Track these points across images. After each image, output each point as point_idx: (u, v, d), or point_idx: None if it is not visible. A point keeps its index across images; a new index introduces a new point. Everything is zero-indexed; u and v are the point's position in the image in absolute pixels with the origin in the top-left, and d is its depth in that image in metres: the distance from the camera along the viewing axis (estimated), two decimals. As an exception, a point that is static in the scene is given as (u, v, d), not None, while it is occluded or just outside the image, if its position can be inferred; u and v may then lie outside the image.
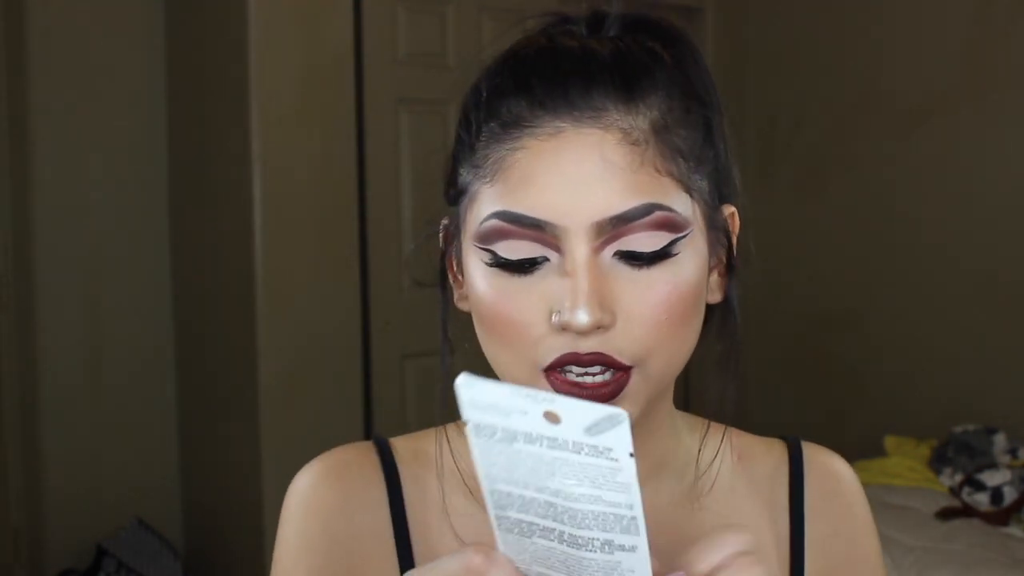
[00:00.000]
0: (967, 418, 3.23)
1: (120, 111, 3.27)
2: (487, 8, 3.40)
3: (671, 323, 0.65)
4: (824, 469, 0.80)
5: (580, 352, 0.63)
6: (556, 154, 0.64)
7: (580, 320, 0.62)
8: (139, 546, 3.15)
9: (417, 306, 3.26)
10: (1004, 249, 3.35)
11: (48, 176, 3.16)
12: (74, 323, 3.22)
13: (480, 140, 0.67)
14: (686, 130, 0.67)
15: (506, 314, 0.65)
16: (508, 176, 0.65)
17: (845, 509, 0.79)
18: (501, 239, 0.65)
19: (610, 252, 0.64)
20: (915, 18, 3.59)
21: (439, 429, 0.78)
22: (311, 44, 3.03)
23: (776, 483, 0.78)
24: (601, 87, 0.64)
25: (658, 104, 0.66)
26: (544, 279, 0.65)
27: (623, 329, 0.64)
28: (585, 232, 0.63)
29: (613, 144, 0.64)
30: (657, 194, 0.64)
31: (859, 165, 3.74)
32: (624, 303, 0.64)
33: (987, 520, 2.69)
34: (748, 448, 0.80)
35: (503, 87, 0.67)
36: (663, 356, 0.65)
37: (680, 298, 0.65)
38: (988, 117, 3.40)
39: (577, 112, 0.64)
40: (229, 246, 3.08)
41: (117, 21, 3.26)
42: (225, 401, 3.17)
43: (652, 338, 0.64)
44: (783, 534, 0.77)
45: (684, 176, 0.66)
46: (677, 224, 0.64)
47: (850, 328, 3.78)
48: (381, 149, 3.21)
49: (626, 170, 0.63)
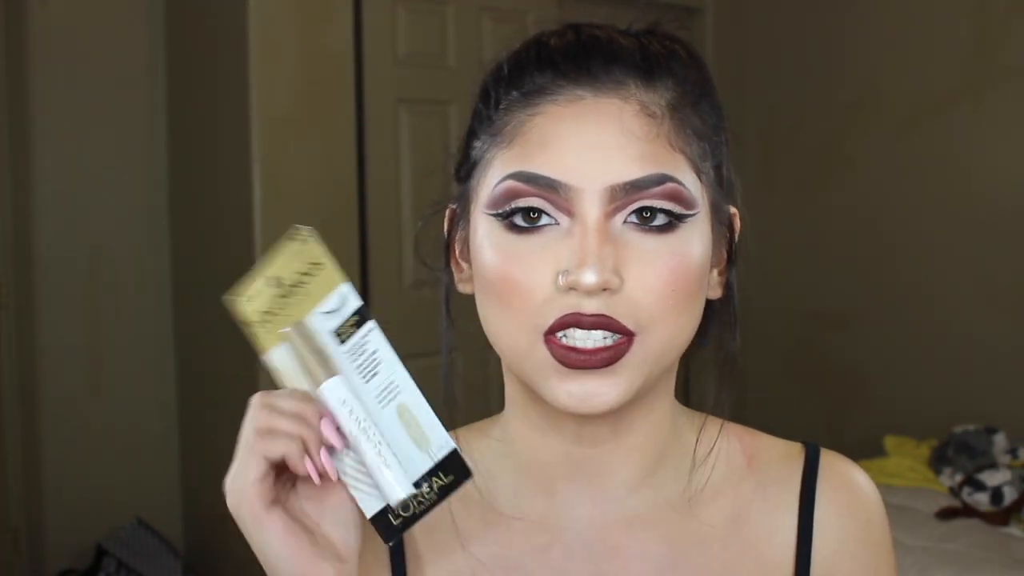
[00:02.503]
0: (967, 418, 3.22)
1: (120, 111, 3.27)
2: (487, 8, 3.40)
3: (676, 295, 0.66)
4: (841, 480, 0.77)
5: (584, 312, 0.64)
6: (576, 119, 0.66)
7: (587, 279, 0.63)
8: (139, 546, 3.15)
9: (417, 306, 3.25)
10: (1004, 249, 3.35)
11: (48, 176, 3.16)
12: (74, 323, 3.22)
13: (499, 109, 0.69)
14: (698, 117, 0.69)
15: (513, 276, 0.66)
16: (526, 140, 0.67)
17: (861, 525, 0.76)
18: (518, 198, 0.66)
19: (621, 218, 0.65)
20: (914, 18, 3.59)
21: (455, 433, 0.78)
22: (311, 44, 3.03)
23: (787, 490, 0.76)
24: (622, 64, 0.67)
25: (674, 87, 0.68)
26: (553, 242, 0.65)
27: (629, 295, 0.64)
28: (599, 195, 0.64)
29: (632, 114, 0.66)
30: (670, 167, 0.66)
31: (859, 165, 3.74)
32: (631, 269, 0.65)
33: (987, 520, 2.69)
34: (763, 451, 0.78)
35: (526, 62, 0.69)
36: (665, 328, 0.66)
37: (686, 273, 0.66)
38: (988, 117, 3.40)
39: (599, 84, 0.66)
40: (229, 246, 3.08)
41: (117, 21, 3.26)
42: (225, 401, 3.17)
43: (657, 307, 0.65)
44: (787, 544, 0.74)
45: (696, 158, 0.68)
46: (687, 200, 0.66)
47: (850, 328, 3.78)
48: (381, 149, 3.21)
49: (642, 140, 0.65)
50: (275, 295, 0.60)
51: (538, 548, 0.73)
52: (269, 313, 0.61)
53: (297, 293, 0.60)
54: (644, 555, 0.72)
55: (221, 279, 3.59)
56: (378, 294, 3.21)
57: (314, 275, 0.59)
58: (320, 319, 0.61)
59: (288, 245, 0.58)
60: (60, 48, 3.15)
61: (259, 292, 0.61)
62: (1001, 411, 3.26)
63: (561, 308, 0.64)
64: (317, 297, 0.61)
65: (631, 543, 0.72)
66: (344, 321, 0.61)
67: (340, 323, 0.61)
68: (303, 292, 0.60)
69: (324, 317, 0.61)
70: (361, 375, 0.62)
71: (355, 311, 0.61)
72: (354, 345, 0.62)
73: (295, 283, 0.59)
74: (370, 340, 0.62)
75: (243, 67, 2.93)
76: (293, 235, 0.58)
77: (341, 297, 0.60)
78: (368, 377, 0.62)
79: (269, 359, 0.63)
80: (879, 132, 3.68)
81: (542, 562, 0.72)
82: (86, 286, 3.24)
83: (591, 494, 0.72)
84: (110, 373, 3.27)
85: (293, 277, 0.59)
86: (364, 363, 0.62)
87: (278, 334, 0.61)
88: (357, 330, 0.61)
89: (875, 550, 0.76)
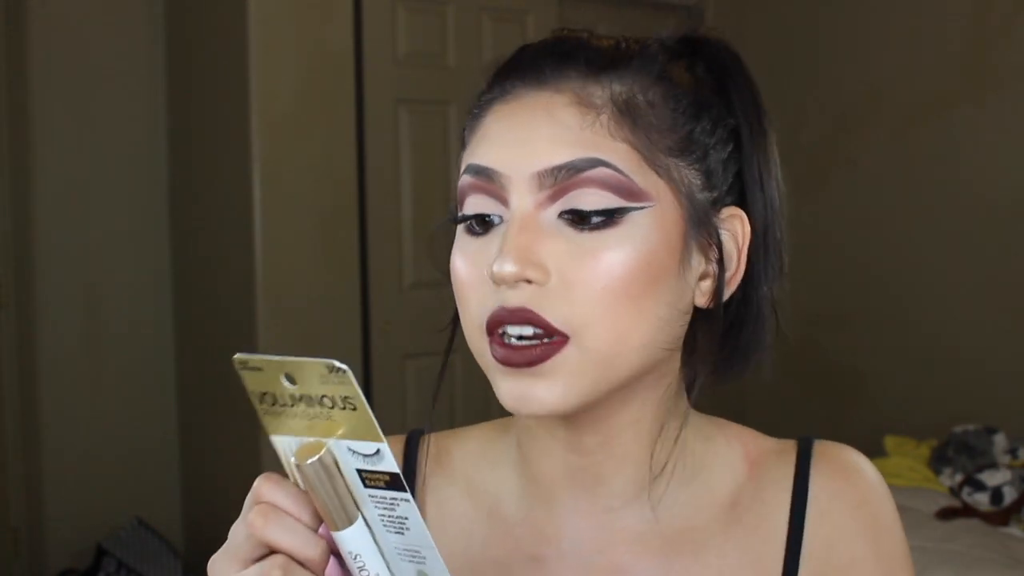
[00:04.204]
0: (967, 418, 3.22)
1: (120, 111, 3.27)
2: (487, 8, 3.40)
3: (613, 294, 0.62)
4: (834, 464, 0.74)
5: (506, 306, 0.62)
6: (510, 113, 0.66)
7: (498, 269, 0.61)
8: (139, 546, 3.15)
9: (417, 306, 3.26)
10: (1004, 249, 3.35)
11: (48, 176, 3.16)
12: (74, 322, 3.22)
13: (472, 115, 0.70)
14: (666, 114, 0.66)
15: (462, 275, 0.66)
16: (473, 137, 0.68)
17: (856, 505, 0.73)
18: (467, 195, 0.66)
19: (555, 212, 0.63)
20: (914, 18, 3.59)
21: (476, 427, 0.78)
22: (311, 44, 3.03)
23: (781, 487, 0.73)
24: (572, 63, 0.66)
25: (634, 84, 0.66)
26: (495, 238, 0.65)
27: (559, 291, 0.62)
28: (527, 183, 0.64)
29: (562, 104, 0.65)
30: (608, 153, 0.63)
31: (859, 165, 3.74)
32: (562, 264, 0.62)
33: (987, 520, 2.69)
34: (762, 454, 0.75)
35: (500, 70, 0.70)
36: (603, 330, 0.62)
37: (626, 270, 0.62)
38: (988, 117, 3.40)
39: (541, 80, 0.66)
40: (229, 246, 3.08)
41: (117, 21, 3.26)
42: (225, 401, 3.17)
43: (589, 306, 0.62)
44: (777, 542, 0.72)
45: (648, 151, 0.64)
46: (628, 189, 0.63)
47: (850, 328, 3.78)
48: (381, 149, 3.21)
49: (574, 128, 0.64)
50: (289, 392, 0.53)
51: (533, 557, 0.72)
52: (279, 404, 0.55)
53: (316, 406, 0.53)
54: (637, 568, 0.71)
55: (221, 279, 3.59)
56: (378, 294, 3.21)
57: (341, 407, 0.52)
58: (345, 449, 0.53)
59: (319, 363, 0.51)
60: (60, 48, 3.15)
61: (272, 374, 0.54)
62: (1001, 411, 3.26)
63: (490, 305, 0.63)
64: (344, 431, 0.53)
65: (627, 556, 0.71)
66: (374, 471, 0.53)
67: (369, 469, 0.53)
68: (324, 414, 0.53)
69: (350, 452, 0.53)
70: (384, 525, 0.55)
71: (389, 473, 0.53)
72: (381, 496, 0.54)
73: (317, 398, 0.53)
74: (401, 506, 0.54)
75: (243, 67, 2.93)
76: (330, 363, 0.51)
77: (380, 454, 0.53)
78: (392, 531, 0.55)
79: (275, 443, 0.57)
80: (879, 132, 3.68)
81: (535, 569, 0.72)
82: (86, 286, 3.24)
83: (588, 503, 0.71)
84: (110, 373, 3.27)
85: (316, 390, 0.52)
86: (389, 516, 0.55)
87: (288, 425, 0.55)
88: (388, 490, 0.54)
89: (875, 530, 0.73)
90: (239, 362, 0.54)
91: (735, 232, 0.70)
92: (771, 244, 0.73)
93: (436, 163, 3.31)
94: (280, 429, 0.56)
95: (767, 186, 0.72)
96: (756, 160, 0.71)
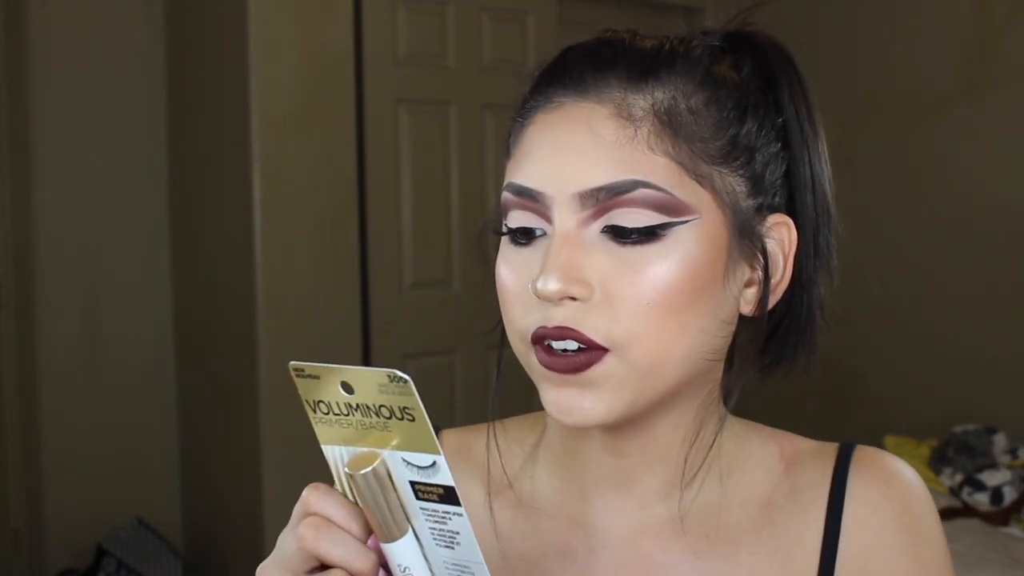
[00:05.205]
0: (967, 418, 3.22)
1: (120, 111, 3.27)
2: (487, 8, 3.40)
3: (657, 308, 0.62)
4: (874, 470, 0.72)
5: (547, 325, 0.63)
6: (552, 125, 0.65)
7: (542, 287, 0.62)
8: (139, 546, 3.15)
9: (417, 306, 3.26)
10: (1004, 249, 3.35)
11: (48, 176, 3.16)
12: (74, 323, 3.22)
13: (516, 123, 0.69)
14: (710, 121, 0.65)
15: (506, 284, 0.67)
16: (517, 150, 0.67)
17: (896, 514, 0.71)
18: (510, 210, 0.66)
19: (597, 228, 0.63)
20: (914, 19, 3.59)
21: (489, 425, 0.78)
22: (311, 44, 3.03)
23: (818, 491, 0.72)
24: (615, 70, 0.65)
25: (677, 90, 0.65)
26: (540, 251, 0.65)
27: (603, 307, 0.62)
28: (569, 203, 0.63)
29: (603, 117, 0.64)
30: (647, 172, 0.63)
31: (859, 166, 3.74)
32: (606, 280, 0.63)
33: (987, 520, 2.69)
34: (799, 454, 0.74)
35: (543, 74, 0.69)
36: (647, 344, 0.63)
37: (668, 284, 0.62)
38: (988, 117, 3.40)
39: (582, 88, 0.65)
40: (229, 246, 3.08)
41: (117, 21, 3.26)
42: (225, 401, 3.17)
43: (633, 321, 0.62)
44: (816, 545, 0.70)
45: (690, 162, 0.64)
46: (670, 205, 0.63)
47: (850, 328, 3.77)
48: (381, 149, 3.21)
49: (614, 144, 0.63)
50: (345, 400, 0.54)
51: (563, 552, 0.72)
52: (333, 413, 0.55)
53: (372, 416, 0.53)
54: (668, 565, 0.71)
55: (221, 279, 3.59)
56: (378, 294, 3.21)
57: (399, 417, 0.52)
58: (399, 460, 0.53)
59: (379, 372, 0.52)
60: (60, 48, 3.15)
61: (329, 382, 0.55)
62: (1001, 411, 3.26)
63: (535, 320, 0.64)
64: (399, 442, 0.53)
65: (657, 552, 0.71)
66: (428, 483, 0.54)
67: (423, 482, 0.54)
68: (380, 424, 0.53)
69: (404, 463, 0.53)
70: (434, 538, 0.55)
71: (444, 486, 0.53)
72: (432, 509, 0.54)
73: (374, 407, 0.53)
74: (453, 520, 0.54)
75: (243, 67, 2.93)
76: (392, 372, 0.51)
77: (436, 466, 0.53)
78: (442, 545, 0.55)
79: (327, 452, 0.57)
80: (879, 133, 3.68)
81: (564, 566, 0.72)
82: (86, 286, 3.24)
83: (621, 500, 0.72)
84: (110, 373, 3.27)
85: (374, 399, 0.53)
86: (440, 530, 0.55)
87: (341, 434, 0.55)
88: (441, 503, 0.54)
89: (915, 539, 0.71)
90: (295, 369, 0.55)
91: (781, 239, 0.69)
92: (821, 246, 0.73)
93: (436, 163, 3.32)
94: (333, 438, 0.56)
95: (818, 186, 0.72)
96: (807, 159, 0.71)
